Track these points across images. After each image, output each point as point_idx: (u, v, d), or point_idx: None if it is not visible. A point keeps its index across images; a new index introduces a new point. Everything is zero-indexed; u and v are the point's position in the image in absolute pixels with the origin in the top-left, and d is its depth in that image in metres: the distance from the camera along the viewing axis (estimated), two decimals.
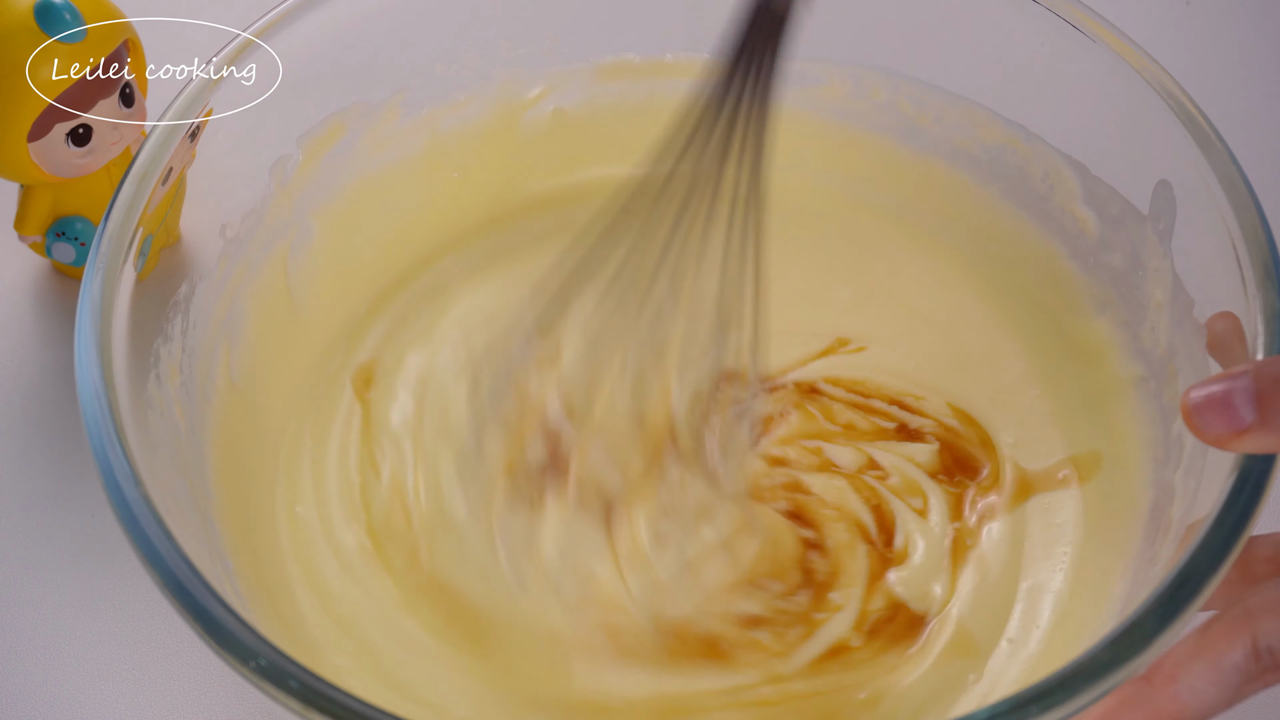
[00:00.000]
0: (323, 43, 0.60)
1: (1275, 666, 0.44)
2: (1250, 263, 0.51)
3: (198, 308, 0.56)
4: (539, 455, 0.55)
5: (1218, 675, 0.44)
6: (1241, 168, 0.54)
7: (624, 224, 0.51)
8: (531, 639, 0.53)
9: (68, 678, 0.57)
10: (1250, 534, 0.45)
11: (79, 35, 0.59)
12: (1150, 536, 0.53)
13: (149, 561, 0.45)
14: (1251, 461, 0.46)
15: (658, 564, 0.54)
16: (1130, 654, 0.43)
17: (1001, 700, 0.42)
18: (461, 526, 0.56)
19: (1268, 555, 0.48)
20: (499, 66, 0.66)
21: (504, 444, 0.56)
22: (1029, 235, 0.63)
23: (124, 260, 0.51)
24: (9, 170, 0.62)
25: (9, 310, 0.67)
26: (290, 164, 0.61)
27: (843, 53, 0.65)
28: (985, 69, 0.63)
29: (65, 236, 0.64)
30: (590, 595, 0.54)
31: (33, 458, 0.63)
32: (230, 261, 0.58)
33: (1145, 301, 0.58)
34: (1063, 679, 0.42)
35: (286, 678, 0.42)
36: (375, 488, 0.58)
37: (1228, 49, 0.80)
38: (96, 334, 0.49)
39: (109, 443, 0.47)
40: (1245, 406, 0.44)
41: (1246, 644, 0.44)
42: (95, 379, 0.48)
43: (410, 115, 0.65)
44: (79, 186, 0.64)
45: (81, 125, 0.61)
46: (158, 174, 0.53)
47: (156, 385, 0.52)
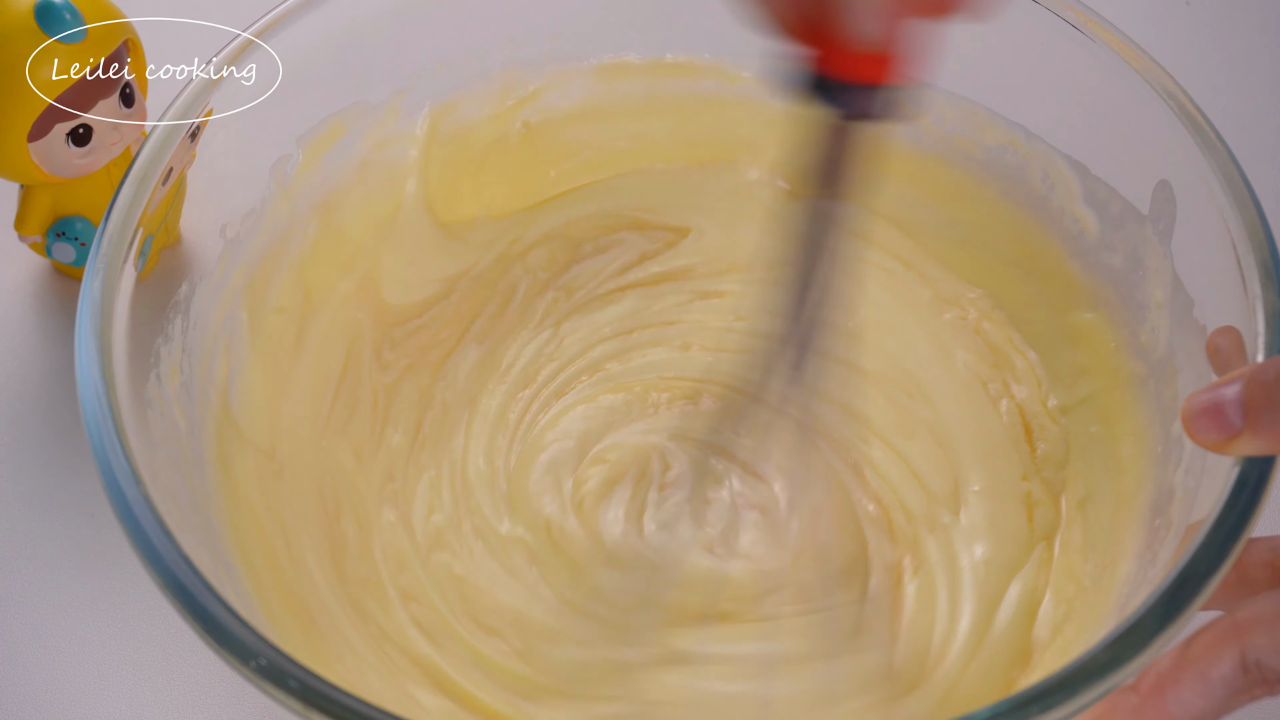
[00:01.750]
0: (322, 43, 0.60)
1: (1263, 681, 0.44)
2: (1251, 262, 0.51)
3: (198, 308, 0.56)
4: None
5: (1205, 687, 0.44)
6: (1241, 167, 0.54)
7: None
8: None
9: (68, 678, 0.57)
10: (1249, 535, 0.45)
11: (79, 35, 0.60)
12: (1150, 537, 0.53)
13: (149, 561, 0.45)
14: (1251, 463, 0.46)
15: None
16: (1129, 655, 0.43)
17: (1001, 700, 0.42)
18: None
19: (1264, 560, 0.48)
20: (499, 66, 0.66)
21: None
22: (1029, 235, 0.63)
23: (124, 260, 0.51)
24: (9, 170, 0.62)
25: (9, 310, 0.68)
26: (291, 164, 0.61)
27: None
28: (985, 69, 0.63)
29: (65, 236, 0.64)
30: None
31: (32, 458, 0.63)
32: (230, 261, 0.58)
33: (1145, 301, 0.58)
34: (1062, 679, 0.42)
35: (286, 677, 0.42)
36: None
37: (1228, 49, 0.80)
38: (97, 334, 0.49)
39: (109, 442, 0.47)
40: (1235, 413, 0.45)
41: (1235, 657, 0.44)
42: (95, 379, 0.48)
43: (410, 115, 0.65)
44: (79, 187, 0.64)
45: (81, 125, 0.62)
46: (158, 174, 0.53)
47: (157, 385, 0.52)
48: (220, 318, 0.57)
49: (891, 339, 0.63)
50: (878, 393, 0.61)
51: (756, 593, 0.55)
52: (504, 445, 0.60)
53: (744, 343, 0.60)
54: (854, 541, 0.57)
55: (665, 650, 0.53)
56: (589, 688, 0.53)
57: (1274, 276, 0.51)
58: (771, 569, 0.55)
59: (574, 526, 0.56)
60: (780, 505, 0.57)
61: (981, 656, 0.54)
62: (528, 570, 0.56)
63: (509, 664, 0.53)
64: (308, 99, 0.61)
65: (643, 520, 0.57)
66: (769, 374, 0.51)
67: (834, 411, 0.60)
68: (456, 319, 0.64)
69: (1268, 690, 0.44)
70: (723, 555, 0.56)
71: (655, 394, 0.61)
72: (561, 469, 0.58)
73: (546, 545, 0.56)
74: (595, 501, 0.57)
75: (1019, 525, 0.58)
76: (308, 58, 0.60)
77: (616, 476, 0.58)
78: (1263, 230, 0.52)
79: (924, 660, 0.54)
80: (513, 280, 0.65)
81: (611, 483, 0.58)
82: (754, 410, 0.56)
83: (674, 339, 0.63)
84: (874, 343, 0.63)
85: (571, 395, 0.61)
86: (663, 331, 0.64)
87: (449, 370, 0.62)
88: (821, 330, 0.49)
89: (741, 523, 0.57)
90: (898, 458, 0.59)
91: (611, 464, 0.58)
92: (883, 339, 0.63)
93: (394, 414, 0.60)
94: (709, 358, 0.62)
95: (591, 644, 0.54)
